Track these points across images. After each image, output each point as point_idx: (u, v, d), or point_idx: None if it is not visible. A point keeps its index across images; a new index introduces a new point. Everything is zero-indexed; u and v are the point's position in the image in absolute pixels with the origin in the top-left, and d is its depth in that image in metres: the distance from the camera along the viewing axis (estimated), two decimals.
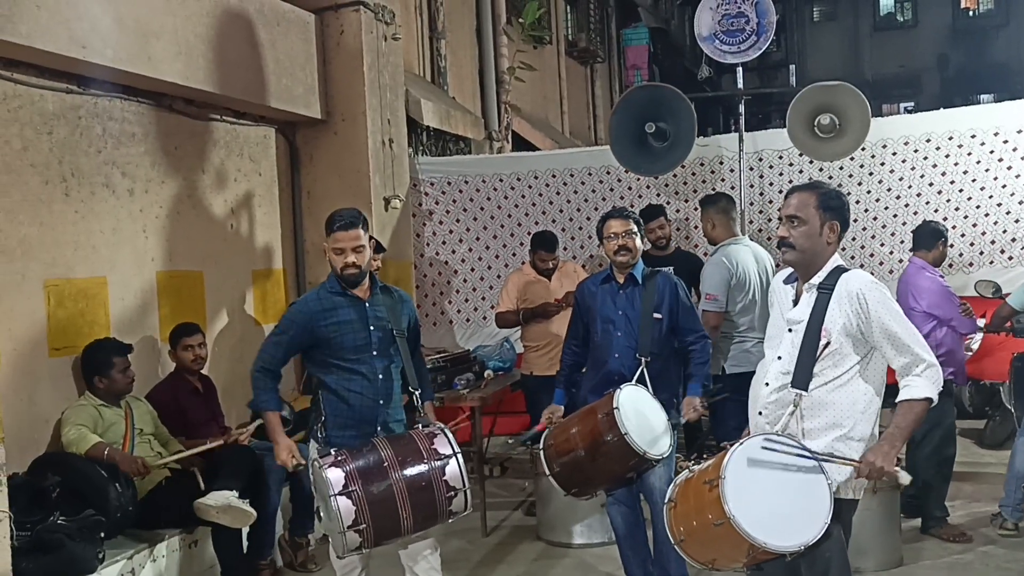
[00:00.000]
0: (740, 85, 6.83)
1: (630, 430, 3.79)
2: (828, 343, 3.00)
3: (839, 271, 3.08)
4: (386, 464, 3.46)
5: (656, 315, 4.23)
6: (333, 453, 3.53)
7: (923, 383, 2.94)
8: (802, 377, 3.01)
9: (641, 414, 3.92)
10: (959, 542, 5.12)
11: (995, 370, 6.71)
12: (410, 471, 3.47)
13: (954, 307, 5.28)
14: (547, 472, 4.07)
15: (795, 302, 3.15)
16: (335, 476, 3.41)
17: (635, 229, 4.28)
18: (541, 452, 4.10)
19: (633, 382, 4.08)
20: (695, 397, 4.18)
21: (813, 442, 2.98)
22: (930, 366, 2.95)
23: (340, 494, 3.38)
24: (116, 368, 4.58)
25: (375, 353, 3.76)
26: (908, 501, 5.29)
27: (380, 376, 3.77)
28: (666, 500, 3.17)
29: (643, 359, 4.16)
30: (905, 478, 2.98)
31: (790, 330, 3.11)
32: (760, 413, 3.13)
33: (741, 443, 2.96)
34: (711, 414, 4.65)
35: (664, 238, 6.23)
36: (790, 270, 3.25)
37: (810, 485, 2.90)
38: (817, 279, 3.09)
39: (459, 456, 3.55)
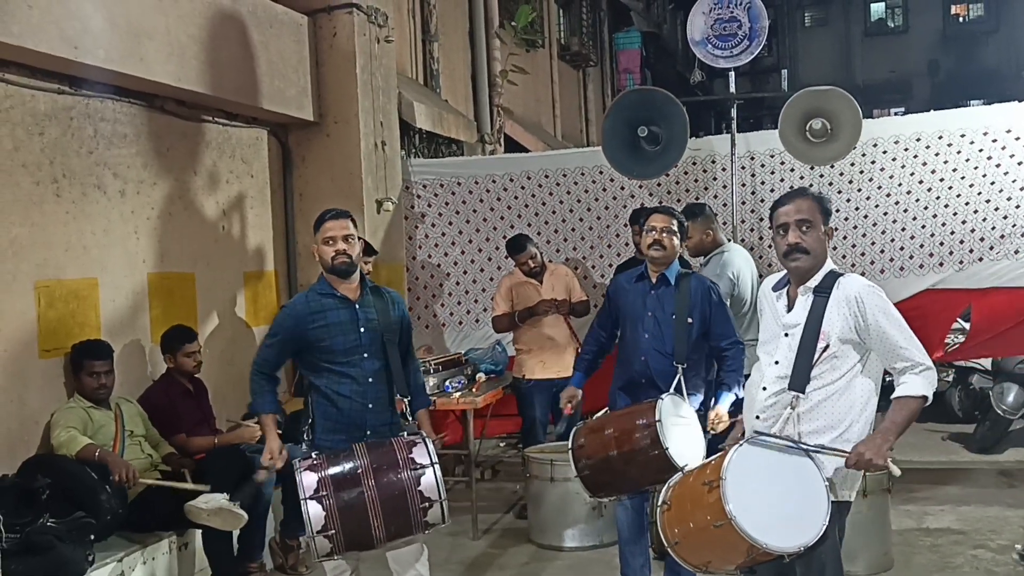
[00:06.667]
0: (732, 89, 6.84)
1: (671, 445, 3.70)
2: (827, 346, 3.01)
3: (834, 275, 3.09)
4: (360, 471, 3.44)
5: (688, 320, 4.14)
6: (313, 457, 3.53)
7: (920, 381, 2.94)
8: (800, 380, 3.01)
9: (679, 426, 3.84)
10: None
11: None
12: (383, 480, 3.44)
13: None
14: (575, 472, 3.98)
15: (788, 307, 3.16)
16: (308, 480, 3.41)
17: (675, 228, 4.17)
18: (570, 452, 4.00)
19: (671, 391, 3.99)
20: (723, 408, 4.07)
21: (813, 440, 3.00)
22: (927, 368, 2.95)
23: (311, 498, 3.37)
24: (85, 371, 4.54)
25: (366, 355, 3.73)
26: None
27: (370, 379, 3.74)
28: (659, 503, 3.14)
29: (680, 366, 4.07)
30: (896, 471, 2.98)
31: (786, 334, 3.11)
32: (757, 417, 3.14)
33: (741, 445, 2.96)
34: None
35: None
36: (780, 276, 3.25)
37: (809, 487, 2.91)
38: (813, 283, 3.09)
39: (436, 467, 3.49)
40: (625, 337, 4.30)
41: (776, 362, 3.11)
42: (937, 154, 6.44)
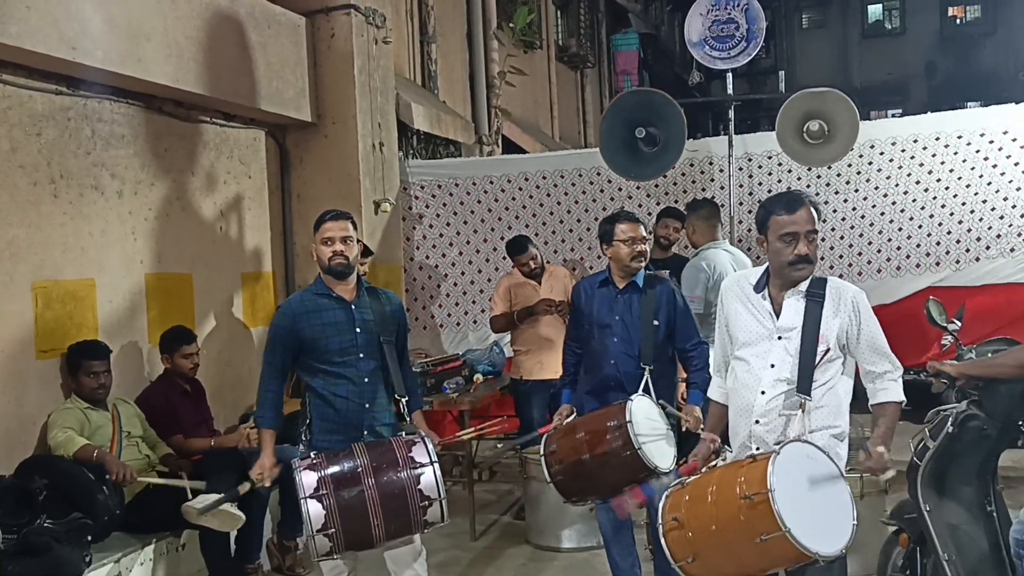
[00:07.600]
0: (730, 91, 6.86)
1: (643, 444, 3.71)
2: (827, 349, 3.06)
3: (820, 279, 3.14)
4: (360, 471, 3.44)
5: (654, 322, 4.17)
6: (312, 456, 3.53)
7: (898, 387, 3.10)
8: (806, 383, 3.05)
9: (650, 426, 3.84)
10: None
11: None
12: (383, 479, 3.44)
13: None
14: (548, 479, 3.98)
15: (775, 310, 3.15)
16: (308, 480, 3.41)
17: (646, 234, 4.23)
18: (542, 458, 4.00)
19: (640, 392, 4.00)
20: (696, 406, 4.07)
21: (816, 441, 3.02)
22: (901, 375, 3.13)
23: (311, 497, 3.38)
24: (82, 371, 4.54)
25: (361, 356, 3.74)
26: None
27: (366, 379, 3.75)
28: (662, 520, 3.04)
29: (647, 368, 4.09)
30: (891, 473, 3.04)
31: (780, 337, 3.12)
32: (757, 422, 3.13)
33: (777, 454, 2.89)
34: None
35: (667, 239, 6.23)
36: (756, 276, 3.24)
37: (834, 490, 2.91)
38: (803, 286, 3.12)
39: (436, 466, 3.49)
40: (592, 342, 4.31)
41: (772, 365, 3.12)
42: (934, 155, 6.47)
